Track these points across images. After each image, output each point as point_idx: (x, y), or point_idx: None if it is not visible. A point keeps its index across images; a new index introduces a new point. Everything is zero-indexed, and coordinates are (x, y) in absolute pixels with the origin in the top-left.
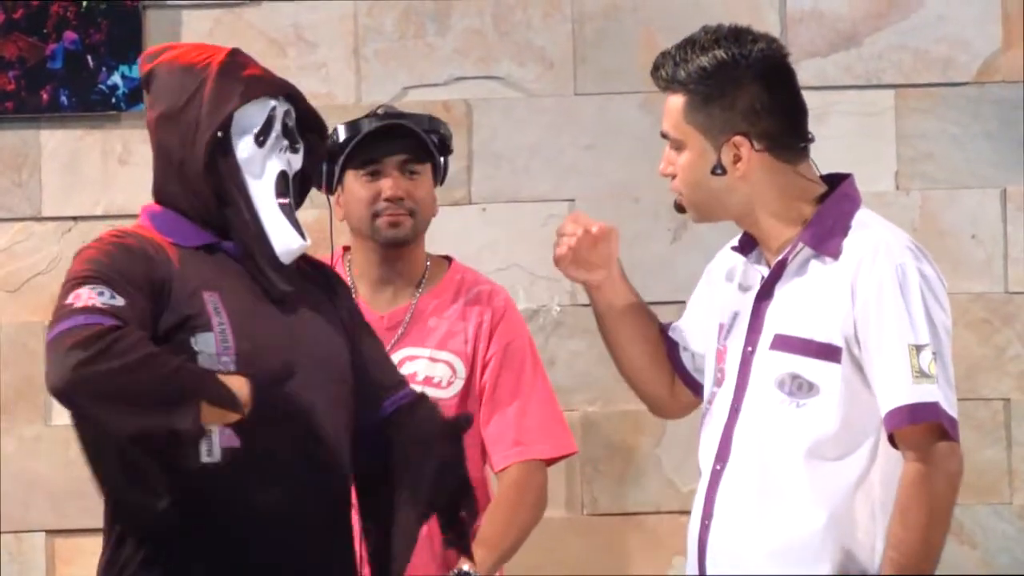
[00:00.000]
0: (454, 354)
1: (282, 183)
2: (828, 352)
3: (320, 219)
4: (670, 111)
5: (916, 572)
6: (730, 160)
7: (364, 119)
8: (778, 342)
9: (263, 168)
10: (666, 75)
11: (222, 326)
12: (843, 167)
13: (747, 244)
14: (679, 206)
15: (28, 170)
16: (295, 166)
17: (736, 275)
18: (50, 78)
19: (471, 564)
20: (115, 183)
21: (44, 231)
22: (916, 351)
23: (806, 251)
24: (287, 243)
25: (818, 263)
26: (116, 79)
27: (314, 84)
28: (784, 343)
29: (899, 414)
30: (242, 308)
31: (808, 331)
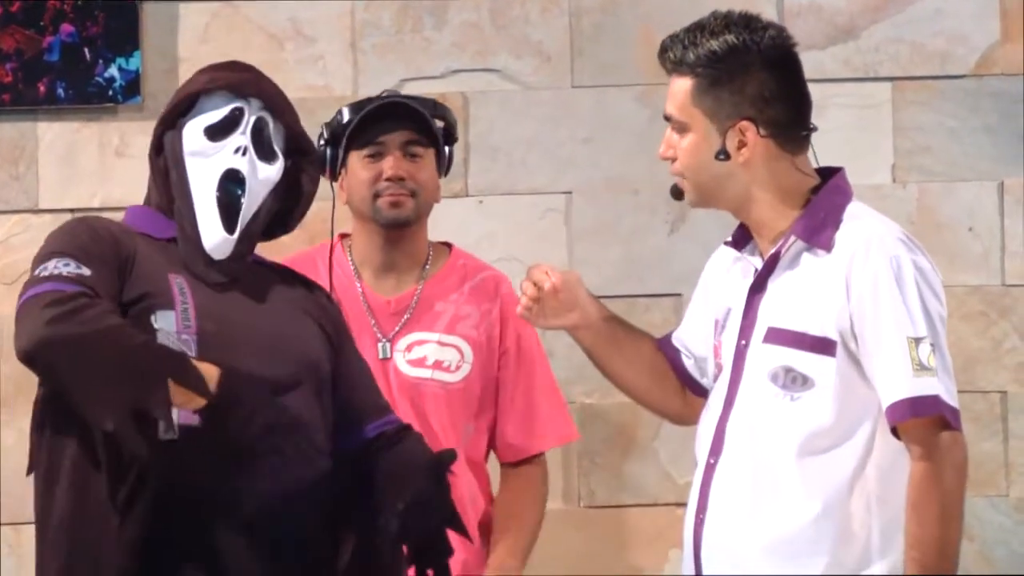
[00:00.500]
0: (463, 338)
1: (233, 179)
2: (822, 346)
3: (321, 210)
4: (676, 93)
5: (939, 567)
6: (734, 145)
7: (367, 100)
8: (771, 335)
9: (210, 162)
10: (674, 57)
11: (185, 305)
12: (840, 160)
13: (741, 237)
14: (677, 191)
15: (25, 162)
16: (263, 175)
17: (730, 269)
18: (47, 71)
19: None
20: (112, 175)
21: (41, 223)
22: (915, 344)
23: (798, 244)
24: (213, 236)
25: (810, 256)
26: (113, 72)
27: (312, 78)
28: (777, 336)
29: (901, 407)
30: (208, 293)
31: (802, 324)
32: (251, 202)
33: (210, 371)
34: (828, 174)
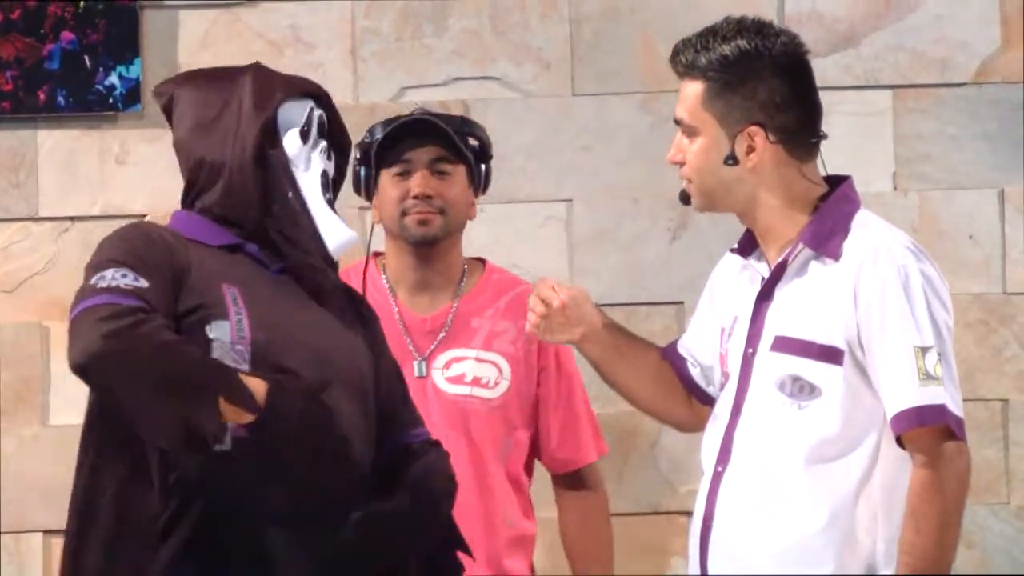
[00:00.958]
0: (500, 354)
1: (325, 180)
2: (830, 354)
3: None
4: (686, 97)
5: (932, 574)
6: (743, 150)
7: (396, 118)
8: (778, 343)
9: (309, 164)
10: (686, 61)
11: (239, 315)
12: (841, 167)
13: (747, 245)
14: (685, 196)
15: (25, 170)
16: (331, 172)
17: (736, 277)
18: (47, 78)
19: None
20: (112, 183)
21: (41, 231)
22: (922, 353)
23: (806, 252)
24: (339, 236)
25: (818, 264)
26: (113, 79)
27: None
28: (784, 345)
29: (906, 417)
30: (262, 303)
31: (809, 333)
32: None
33: (258, 386)
34: (835, 182)
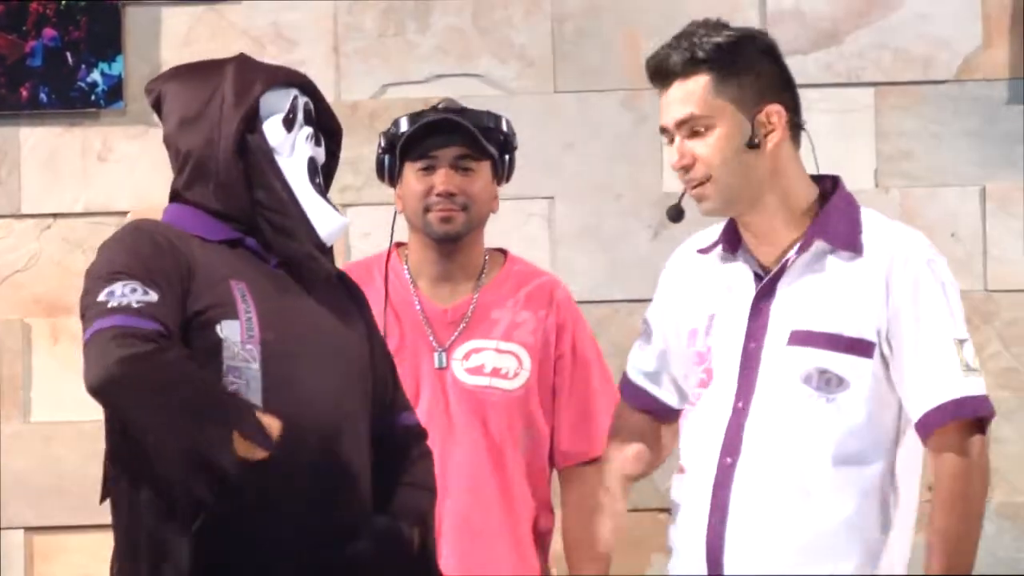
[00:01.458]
0: (520, 345)
1: (312, 167)
2: (860, 347)
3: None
4: (692, 93)
5: (962, 566)
6: (762, 133)
7: (422, 112)
8: (798, 338)
9: (293, 151)
10: (681, 59)
11: (248, 314)
12: (822, 165)
13: (730, 243)
14: (677, 211)
15: (7, 167)
16: (320, 158)
17: (707, 276)
18: (30, 75)
19: None
20: (95, 180)
21: (23, 228)
22: (960, 345)
23: (820, 246)
24: (329, 222)
25: (836, 259)
26: (96, 76)
27: None
28: (806, 338)
29: (948, 408)
30: (268, 299)
31: (836, 326)
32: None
33: (272, 423)
34: (821, 180)
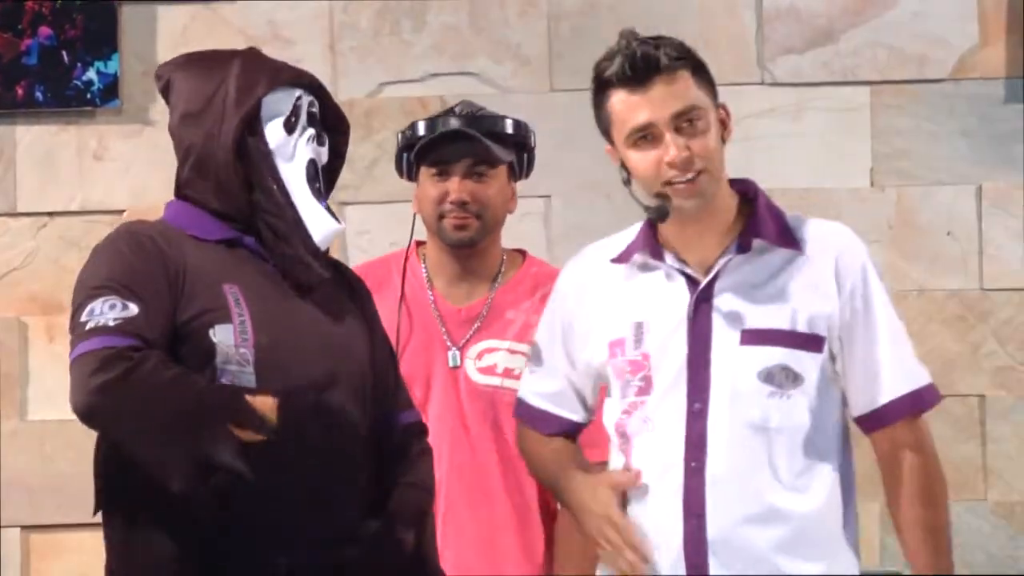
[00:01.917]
0: None
1: (312, 170)
2: (813, 342)
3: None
4: (682, 87)
5: (949, 555)
6: (723, 129)
7: (441, 117)
8: (752, 337)
9: (293, 154)
10: (669, 54)
11: (242, 318)
12: (819, 163)
13: (653, 248)
14: (663, 210)
15: (3, 166)
16: (322, 159)
17: (626, 284)
18: (25, 74)
19: None
20: (90, 179)
21: (19, 227)
22: (907, 337)
23: (759, 245)
24: (323, 227)
25: (775, 257)
26: (91, 75)
27: None
28: (761, 337)
29: (906, 400)
30: (263, 301)
31: (788, 322)
32: (325, 189)
33: (267, 403)
34: (740, 183)
